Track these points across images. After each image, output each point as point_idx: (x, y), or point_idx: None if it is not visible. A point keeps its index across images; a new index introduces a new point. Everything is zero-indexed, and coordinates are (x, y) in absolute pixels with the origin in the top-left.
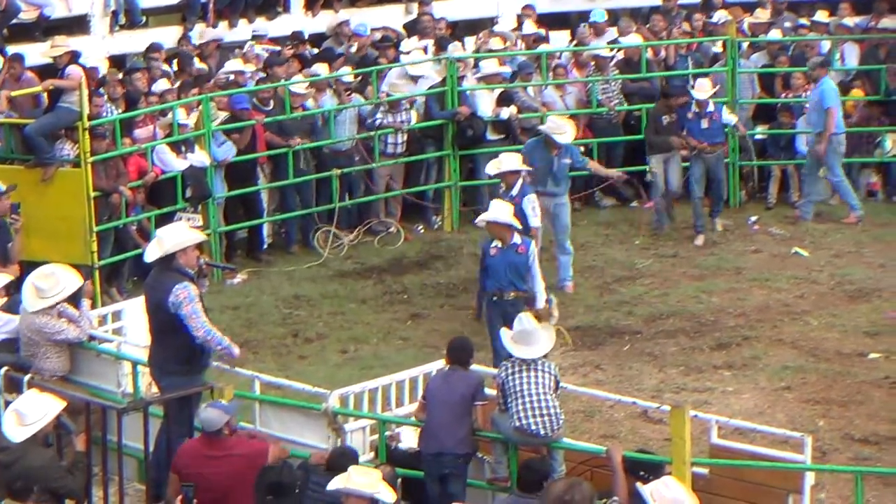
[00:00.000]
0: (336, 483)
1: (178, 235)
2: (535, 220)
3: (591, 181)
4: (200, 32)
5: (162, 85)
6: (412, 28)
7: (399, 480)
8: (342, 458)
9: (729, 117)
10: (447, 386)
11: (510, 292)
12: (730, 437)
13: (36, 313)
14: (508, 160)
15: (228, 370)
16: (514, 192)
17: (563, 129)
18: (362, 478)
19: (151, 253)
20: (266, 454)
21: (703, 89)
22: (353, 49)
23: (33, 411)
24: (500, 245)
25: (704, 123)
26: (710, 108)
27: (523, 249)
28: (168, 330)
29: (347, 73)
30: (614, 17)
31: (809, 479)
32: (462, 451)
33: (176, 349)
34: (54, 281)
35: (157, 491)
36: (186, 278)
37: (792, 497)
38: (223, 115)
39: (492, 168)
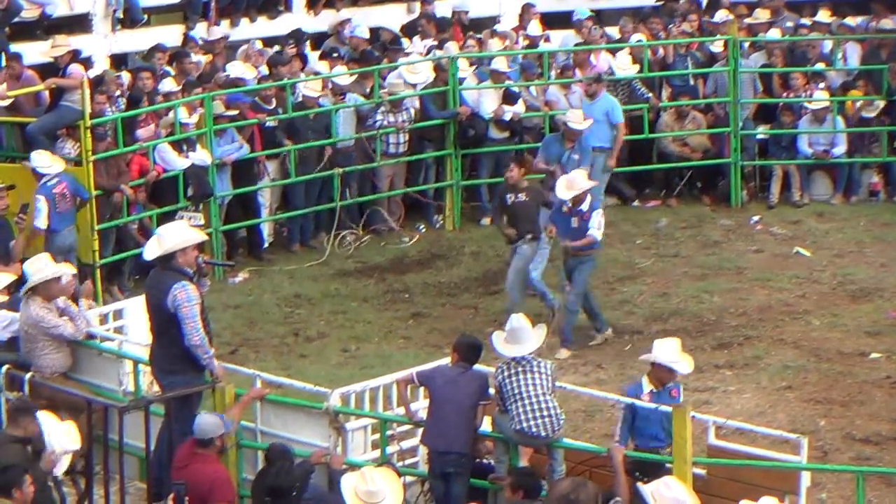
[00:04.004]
0: (349, 483)
1: (178, 234)
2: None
3: None
4: (210, 30)
5: (168, 85)
6: (412, 28)
7: (403, 479)
8: (282, 454)
9: (596, 225)
10: (456, 385)
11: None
12: (729, 437)
13: (35, 305)
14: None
15: (230, 368)
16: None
17: (579, 119)
18: (379, 479)
19: (150, 251)
20: (222, 487)
21: (569, 185)
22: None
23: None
24: (654, 389)
25: (574, 222)
26: (584, 206)
27: (676, 393)
28: (169, 329)
29: (345, 73)
30: (616, 16)
31: (805, 479)
32: (468, 451)
33: (177, 348)
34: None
35: (158, 490)
36: (185, 278)
37: (788, 498)
38: (230, 112)
39: None
